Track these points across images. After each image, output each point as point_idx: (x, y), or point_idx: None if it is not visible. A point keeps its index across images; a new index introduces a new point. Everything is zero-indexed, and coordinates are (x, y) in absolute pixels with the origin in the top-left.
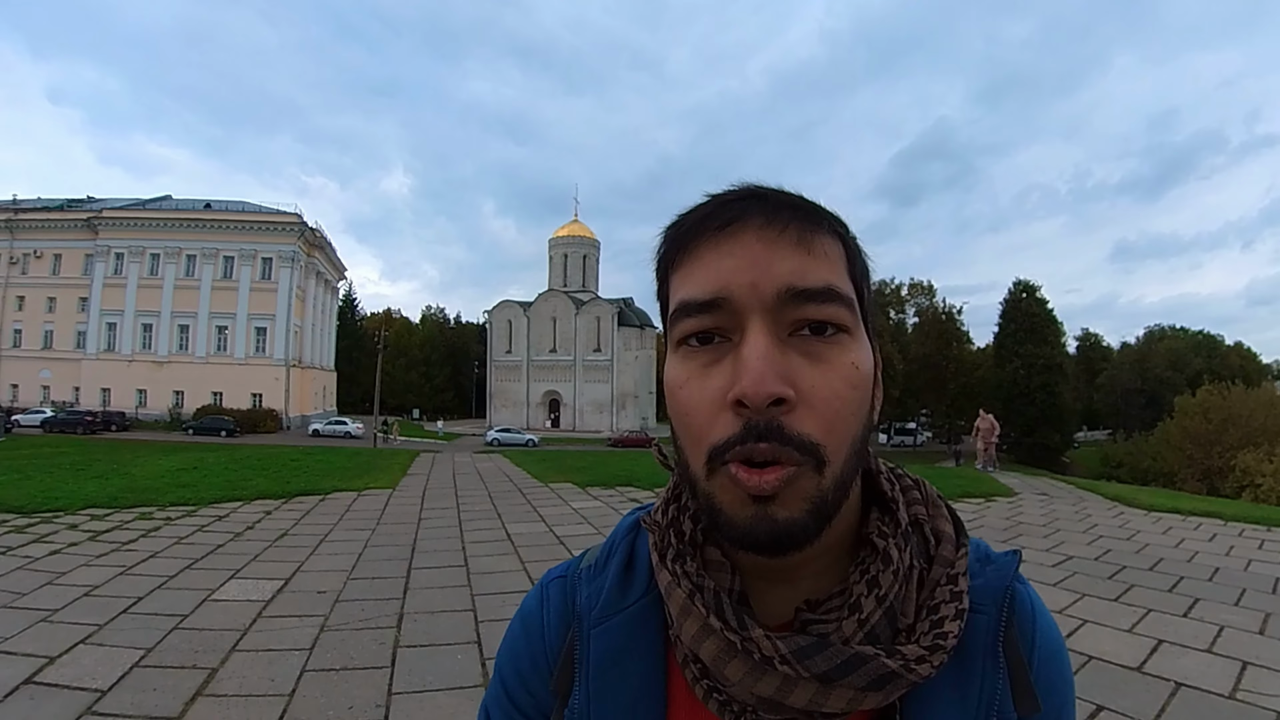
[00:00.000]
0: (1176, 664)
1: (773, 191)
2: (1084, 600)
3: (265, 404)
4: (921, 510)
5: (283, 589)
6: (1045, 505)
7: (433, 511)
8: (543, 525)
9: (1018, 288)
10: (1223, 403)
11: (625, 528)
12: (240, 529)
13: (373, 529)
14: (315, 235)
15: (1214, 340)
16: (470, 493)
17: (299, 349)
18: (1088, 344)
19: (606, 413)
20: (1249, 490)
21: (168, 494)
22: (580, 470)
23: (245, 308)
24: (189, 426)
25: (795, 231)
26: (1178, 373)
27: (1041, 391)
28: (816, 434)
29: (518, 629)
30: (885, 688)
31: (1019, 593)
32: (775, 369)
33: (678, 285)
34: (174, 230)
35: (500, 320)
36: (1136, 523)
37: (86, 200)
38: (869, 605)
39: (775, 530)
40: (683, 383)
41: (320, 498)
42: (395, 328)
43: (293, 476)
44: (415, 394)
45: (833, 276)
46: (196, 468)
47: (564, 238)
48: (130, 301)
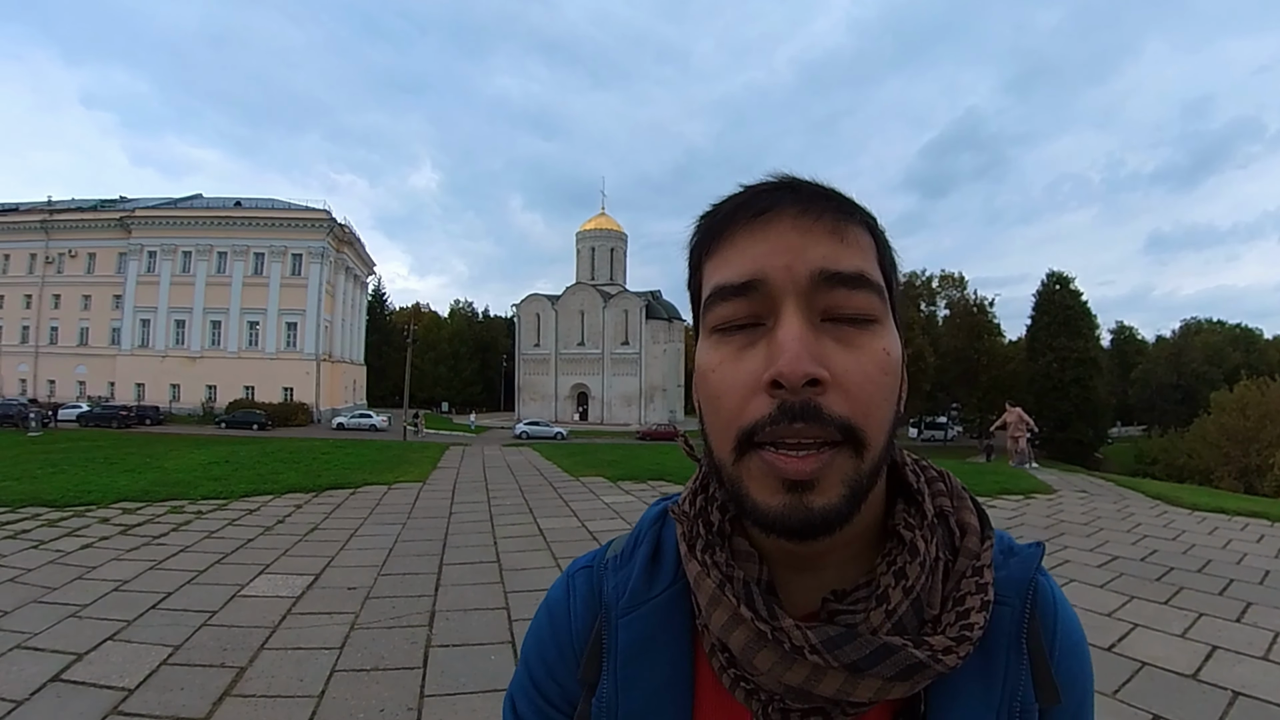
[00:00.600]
0: (1233, 672)
1: (806, 182)
2: (1133, 603)
3: (296, 398)
4: (946, 502)
5: (313, 585)
6: (1086, 503)
7: (463, 505)
8: (575, 520)
9: (1051, 279)
10: (1261, 399)
11: (651, 518)
12: (271, 523)
13: (403, 523)
14: (344, 231)
15: (1252, 334)
16: (501, 486)
17: (329, 343)
18: (1122, 337)
19: (634, 406)
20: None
21: (199, 487)
22: (611, 464)
23: (276, 303)
24: (221, 420)
25: (829, 220)
26: (1215, 367)
27: (1075, 386)
28: (853, 416)
29: (544, 618)
30: (912, 678)
31: (1041, 585)
32: (810, 350)
33: (711, 271)
34: (205, 228)
35: (528, 313)
36: (1181, 522)
37: (119, 200)
38: (896, 596)
39: (810, 518)
40: (715, 366)
41: (351, 491)
42: (424, 322)
43: (323, 470)
44: (444, 387)
45: (865, 264)
46: (228, 461)
47: (591, 231)
48: (163, 298)
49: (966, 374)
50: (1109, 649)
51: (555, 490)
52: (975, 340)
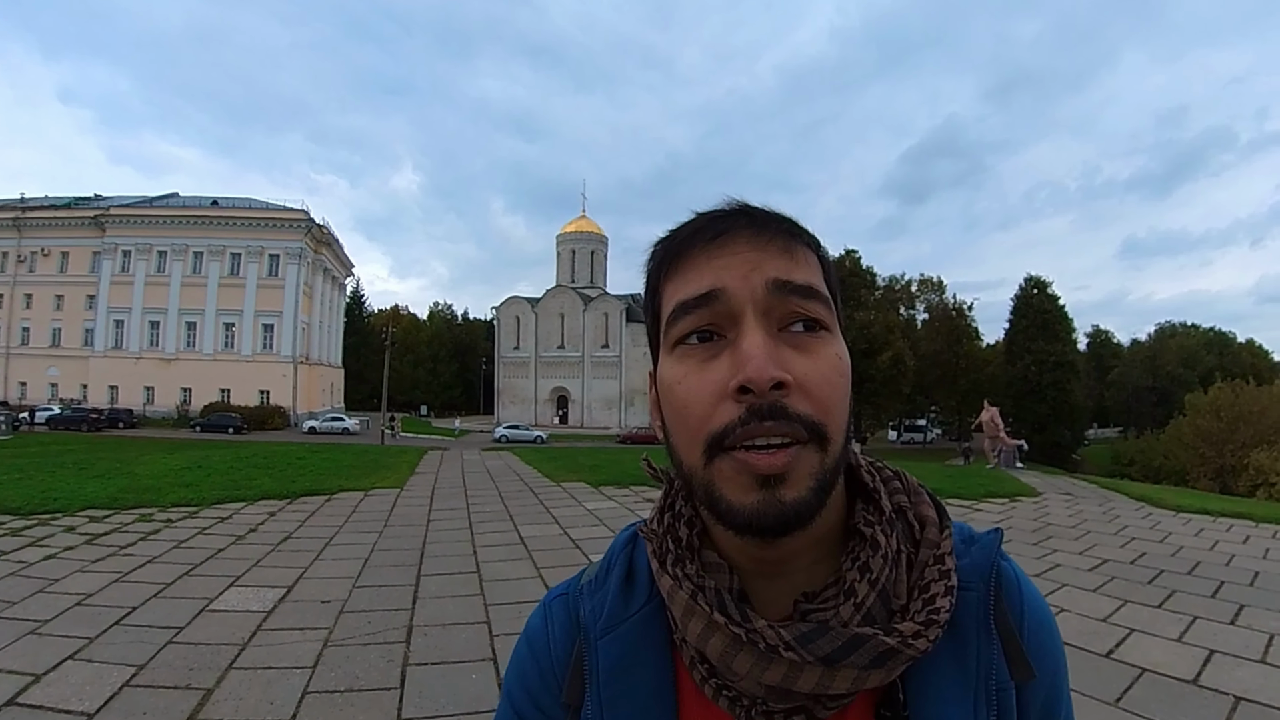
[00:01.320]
0: (1233, 676)
1: (758, 208)
2: (1127, 607)
3: (273, 401)
4: (904, 499)
5: (285, 598)
6: (1071, 506)
7: (442, 513)
8: (556, 527)
9: (1029, 284)
10: (1235, 401)
11: (622, 542)
12: (242, 531)
13: (380, 531)
14: (322, 232)
15: (1225, 337)
16: (480, 492)
17: (306, 346)
18: (1098, 341)
19: (615, 409)
20: (1263, 489)
21: (169, 494)
22: (592, 469)
23: (252, 305)
24: (196, 424)
25: (781, 240)
26: (1189, 370)
27: (1053, 389)
28: (816, 414)
29: (524, 648)
30: (886, 664)
31: (1003, 569)
32: (773, 356)
33: (672, 292)
34: (181, 227)
35: (508, 316)
36: (1167, 524)
37: (94, 198)
38: (863, 589)
39: (783, 511)
40: (680, 378)
41: (326, 498)
42: (403, 324)
43: (298, 476)
44: (423, 391)
45: (814, 279)
46: (200, 466)
47: (572, 234)
48: (137, 299)
49: (945, 377)
50: (1107, 655)
51: (536, 496)
52: (954, 344)
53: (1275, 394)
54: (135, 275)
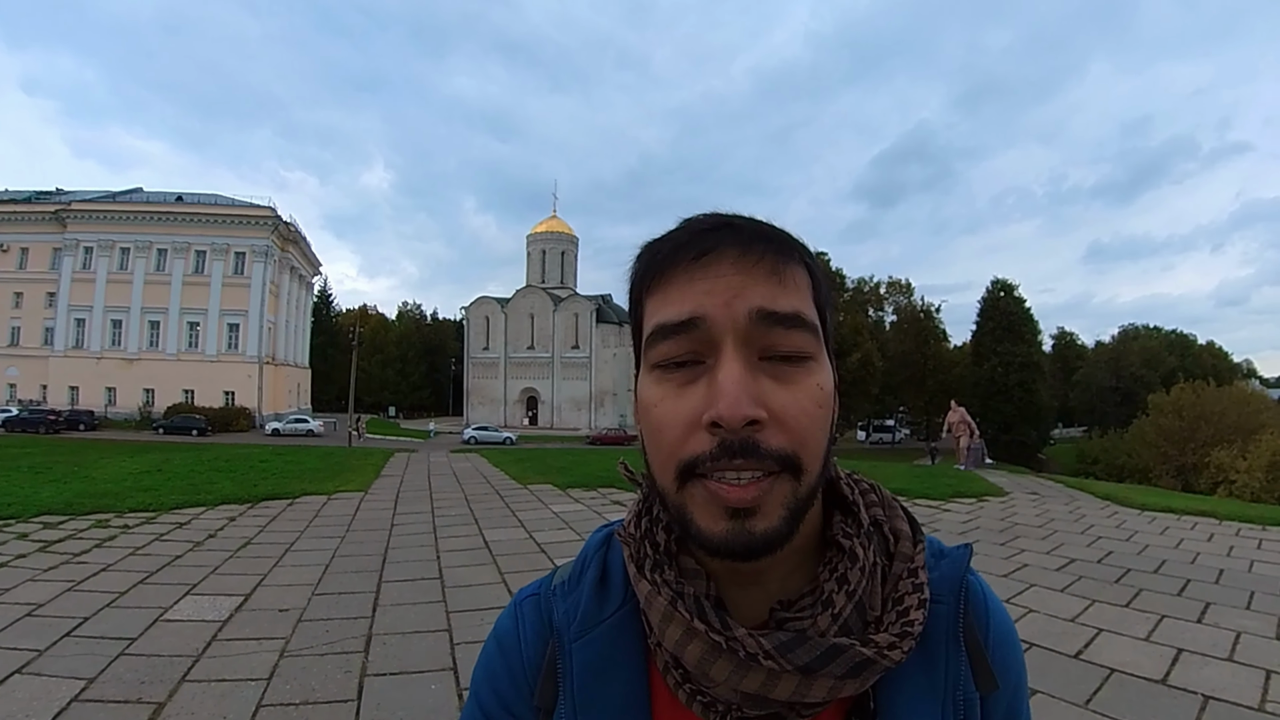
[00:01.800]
0: (1201, 675)
1: (746, 222)
2: (1095, 607)
3: (238, 402)
4: (880, 512)
5: (241, 606)
6: (1038, 505)
7: (406, 517)
8: (522, 531)
9: (995, 286)
10: (1196, 401)
11: (596, 543)
12: (201, 537)
13: (342, 537)
14: (289, 229)
15: (1187, 339)
16: (446, 496)
17: (272, 346)
18: (1063, 342)
19: (585, 410)
20: (1223, 486)
21: (128, 499)
22: (560, 470)
23: (217, 303)
24: (159, 425)
25: (769, 261)
26: (1152, 371)
27: (1019, 389)
28: (790, 447)
29: (493, 649)
30: (862, 674)
31: (970, 583)
32: (749, 392)
33: (653, 309)
34: (144, 223)
35: (477, 317)
36: (1132, 522)
37: (55, 193)
38: (840, 600)
39: (752, 542)
40: (656, 401)
41: (288, 502)
42: (371, 324)
43: (260, 479)
44: (391, 391)
45: (801, 304)
46: (160, 470)
47: (543, 234)
48: (99, 297)
49: (913, 378)
50: (1076, 656)
51: (502, 499)
52: (922, 345)
53: (1235, 395)
54: (97, 272)
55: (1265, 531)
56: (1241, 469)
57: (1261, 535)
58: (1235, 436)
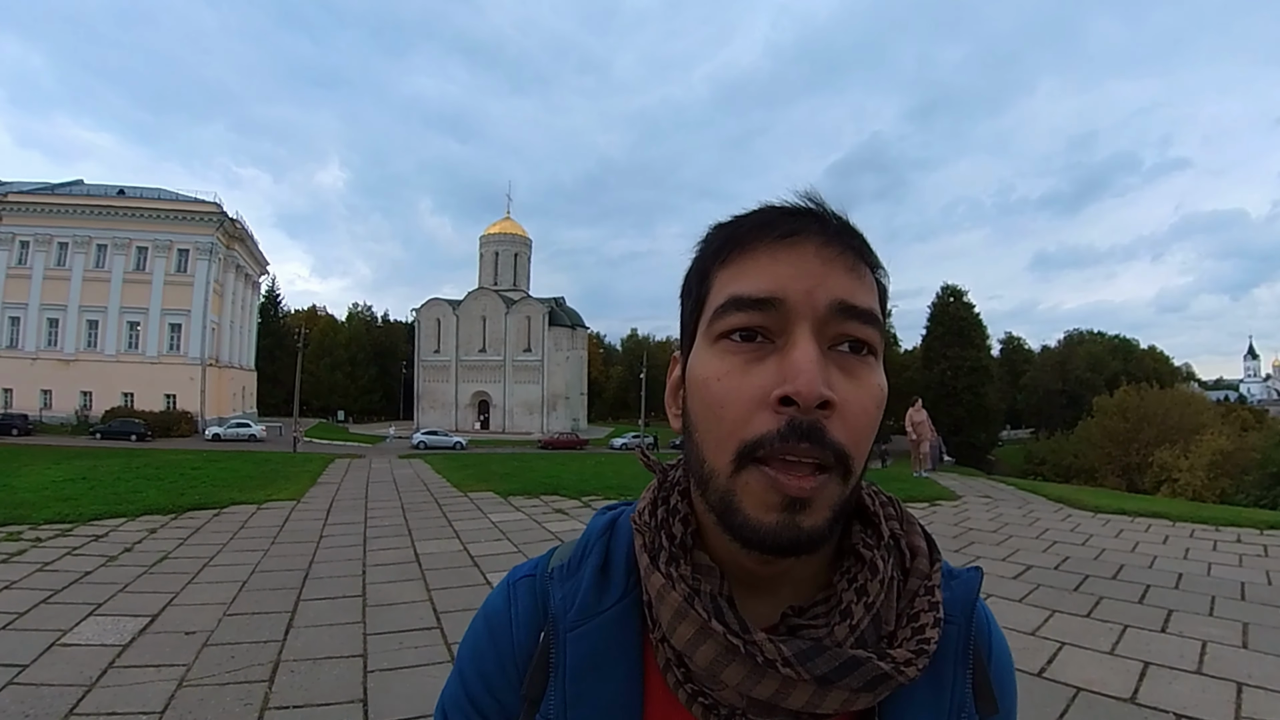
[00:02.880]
0: (1170, 690)
1: (831, 213)
2: (1055, 618)
3: (179, 406)
4: (897, 525)
5: (146, 628)
6: (991, 509)
7: (337, 527)
8: (456, 543)
9: (945, 292)
10: (1140, 403)
11: (599, 528)
12: (116, 551)
13: (265, 550)
14: (235, 226)
15: (1130, 344)
16: (382, 504)
17: (216, 347)
18: (1011, 347)
19: (537, 414)
20: (1166, 485)
21: (44, 509)
22: (503, 477)
23: (159, 302)
24: (97, 430)
25: (850, 257)
26: (1096, 374)
27: (968, 392)
28: (847, 444)
29: (482, 628)
30: (876, 689)
31: (979, 607)
32: (824, 374)
33: (727, 280)
34: (84, 217)
35: (428, 319)
36: (1086, 525)
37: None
38: (859, 612)
39: (798, 536)
40: (720, 375)
41: (215, 512)
42: (319, 326)
43: (189, 487)
44: (340, 395)
45: (874, 303)
46: (85, 478)
47: (496, 235)
48: (35, 294)
49: None
50: (1039, 674)
51: (440, 508)
52: None
53: (1177, 397)
54: (33, 268)
55: (1219, 533)
56: (1184, 468)
57: (1215, 537)
58: (1177, 437)
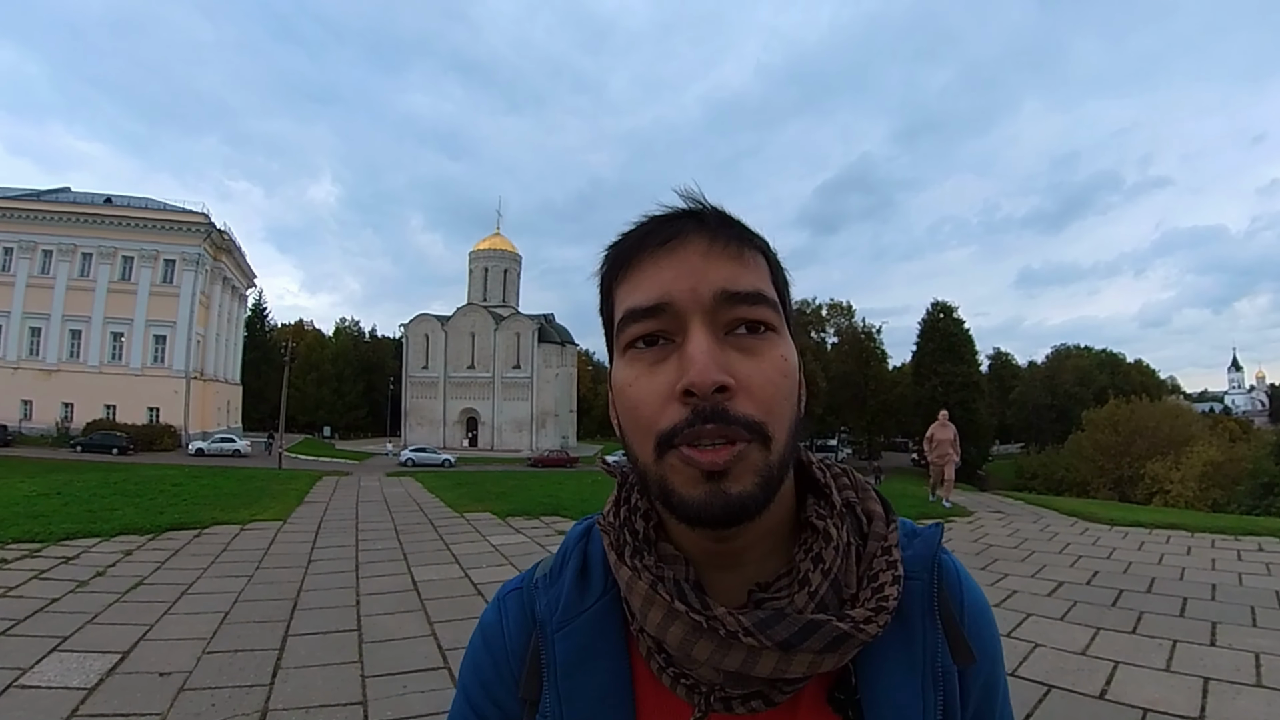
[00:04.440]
0: (1236, 706)
1: (709, 210)
2: (1102, 636)
3: (163, 419)
4: (852, 494)
5: (116, 668)
6: (1006, 524)
7: (326, 551)
8: (456, 568)
9: (935, 308)
10: (1131, 416)
11: (576, 536)
12: (87, 575)
13: (250, 576)
14: (223, 238)
15: (1116, 358)
16: (373, 526)
17: (201, 360)
18: (999, 362)
19: (526, 431)
20: (1159, 496)
21: (13, 527)
22: (500, 496)
23: (144, 313)
24: (77, 443)
25: (732, 247)
26: (1084, 389)
27: (960, 408)
28: (757, 414)
29: (478, 642)
30: (840, 649)
31: (943, 560)
32: (717, 361)
33: (623, 297)
34: (70, 225)
35: (417, 335)
36: (1107, 539)
37: None
38: (816, 579)
39: (729, 503)
40: (631, 380)
41: (196, 533)
42: (306, 340)
43: (169, 505)
44: (327, 411)
45: (761, 283)
46: (60, 493)
47: (485, 251)
48: (18, 301)
49: (855, 398)
50: (1101, 696)
51: (436, 530)
52: (864, 366)
53: (1166, 409)
54: (16, 275)
55: (1239, 542)
56: (1175, 479)
57: (1237, 546)
58: (1168, 449)
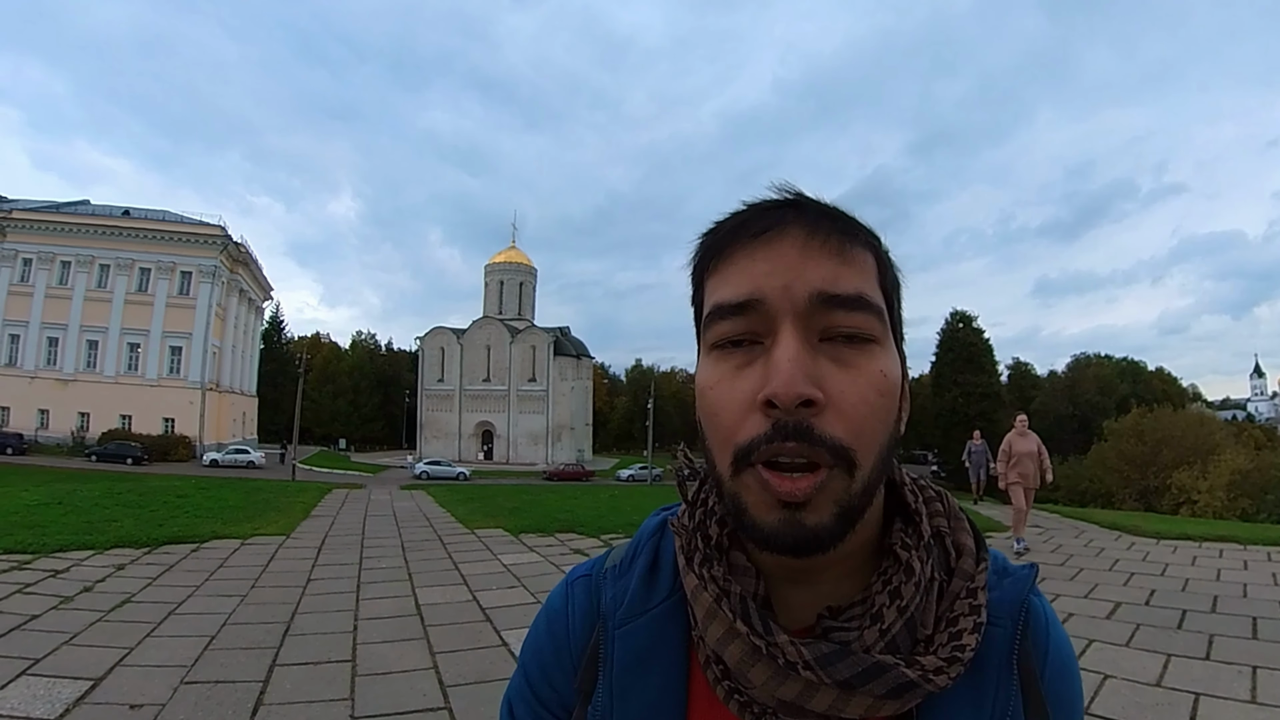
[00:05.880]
0: None
1: (810, 200)
2: (1175, 664)
3: (178, 430)
4: (944, 523)
5: (85, 696)
6: (1047, 539)
7: (327, 569)
8: (464, 590)
9: (954, 318)
10: (1156, 425)
11: (650, 529)
12: (73, 591)
13: (243, 596)
14: (239, 250)
15: (1138, 366)
16: (379, 542)
17: (217, 371)
18: (1019, 372)
19: (541, 445)
20: (1186, 506)
21: (6, 536)
22: (512, 512)
23: (160, 324)
24: (92, 452)
25: (834, 241)
26: (1106, 398)
27: (980, 419)
28: (845, 438)
29: (542, 624)
30: (903, 696)
31: (1034, 606)
32: (805, 371)
33: (712, 289)
34: (88, 237)
35: (432, 347)
36: (1155, 553)
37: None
38: (890, 615)
39: (802, 535)
40: (714, 384)
41: (194, 547)
42: (322, 353)
43: (169, 517)
44: (342, 423)
45: (865, 285)
46: (61, 502)
47: (501, 264)
48: (36, 312)
49: None
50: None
51: (444, 547)
52: None
53: (1191, 418)
54: (35, 286)
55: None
56: (1203, 489)
57: None
58: (1195, 458)
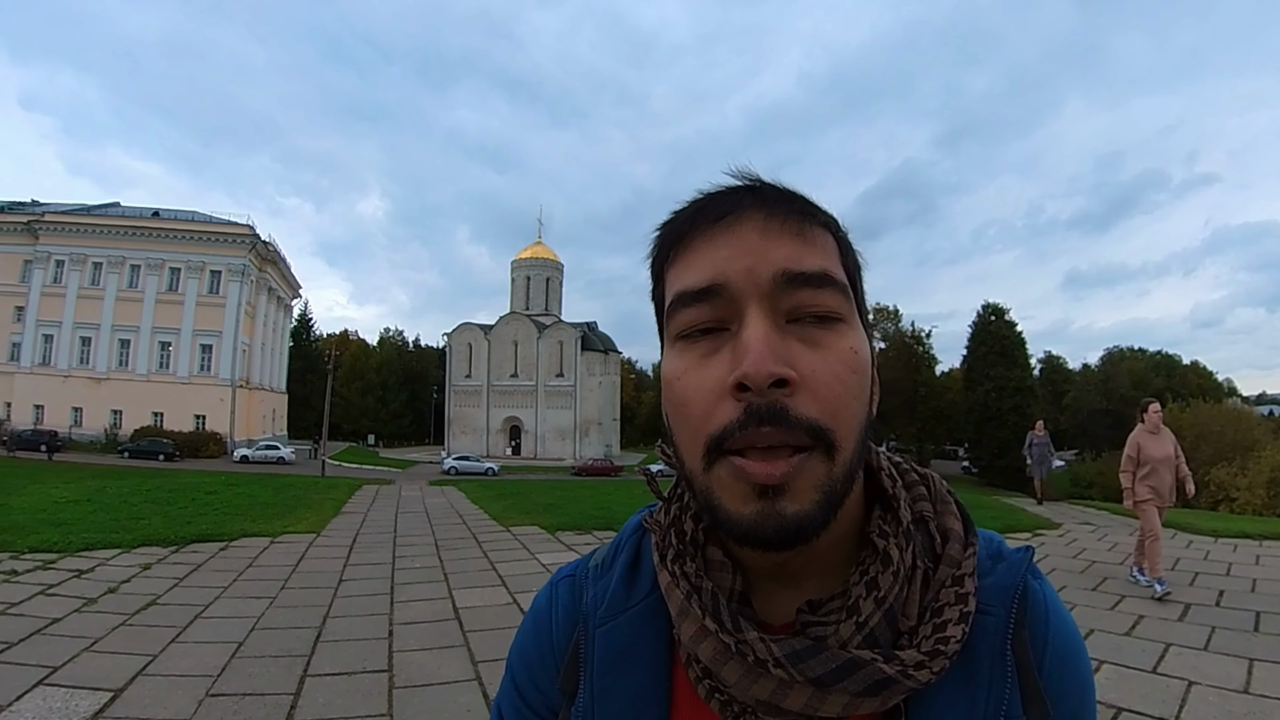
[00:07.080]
0: None
1: (768, 184)
2: (1259, 669)
3: (209, 426)
4: (928, 507)
5: (104, 709)
6: (1101, 537)
7: (359, 569)
8: (503, 591)
9: (987, 310)
10: (1195, 420)
11: (632, 526)
12: (98, 592)
13: (272, 598)
14: (268, 249)
15: (1172, 360)
16: (412, 540)
17: (247, 369)
18: (1051, 366)
19: (569, 440)
20: (1225, 504)
21: (33, 535)
22: (547, 508)
23: (190, 323)
24: (125, 449)
25: (793, 222)
26: (1140, 392)
27: (1013, 413)
28: (822, 417)
29: (528, 625)
30: (882, 693)
31: (1032, 590)
32: (775, 350)
33: (674, 279)
34: (119, 238)
35: (460, 343)
36: (1216, 552)
37: (29, 204)
38: (867, 608)
39: (783, 525)
40: (681, 374)
41: (222, 545)
42: (350, 350)
43: (198, 515)
44: (371, 419)
45: (828, 263)
46: (90, 500)
47: (527, 259)
48: (69, 312)
49: (904, 405)
50: None
51: (480, 545)
52: (913, 372)
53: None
54: (68, 287)
55: None
56: (1242, 486)
57: None
58: (1234, 454)
